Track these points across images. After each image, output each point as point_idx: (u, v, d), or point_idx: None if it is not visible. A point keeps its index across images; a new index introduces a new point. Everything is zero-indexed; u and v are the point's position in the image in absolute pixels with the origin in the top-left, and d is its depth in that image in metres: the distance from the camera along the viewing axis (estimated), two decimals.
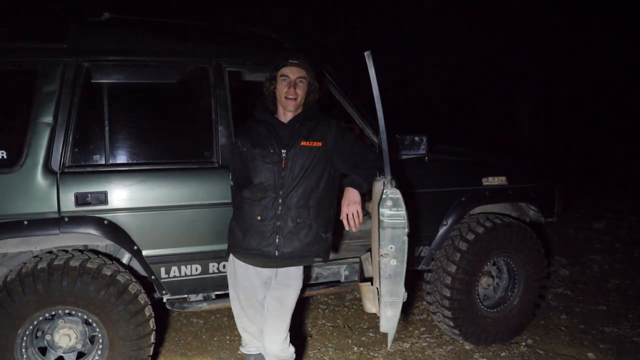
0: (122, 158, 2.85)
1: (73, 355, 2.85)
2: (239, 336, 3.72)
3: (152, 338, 2.88)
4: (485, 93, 13.83)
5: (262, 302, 2.63)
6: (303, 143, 2.45)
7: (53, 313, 2.74)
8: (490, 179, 3.60)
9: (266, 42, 3.44)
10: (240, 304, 2.66)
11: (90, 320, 2.79)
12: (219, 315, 4.09)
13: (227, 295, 2.84)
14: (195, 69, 3.02)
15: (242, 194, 2.52)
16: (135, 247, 2.82)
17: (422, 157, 3.28)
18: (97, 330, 2.79)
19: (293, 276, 2.58)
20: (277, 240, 2.44)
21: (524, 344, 3.69)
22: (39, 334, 2.78)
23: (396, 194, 2.67)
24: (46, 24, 3.02)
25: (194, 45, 3.08)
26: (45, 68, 2.74)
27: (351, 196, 2.42)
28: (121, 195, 2.77)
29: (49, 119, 2.70)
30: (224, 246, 2.78)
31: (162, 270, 2.90)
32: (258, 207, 2.46)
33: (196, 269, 2.95)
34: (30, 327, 2.70)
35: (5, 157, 2.65)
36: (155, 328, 2.89)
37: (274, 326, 2.59)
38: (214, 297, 3.14)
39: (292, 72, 2.44)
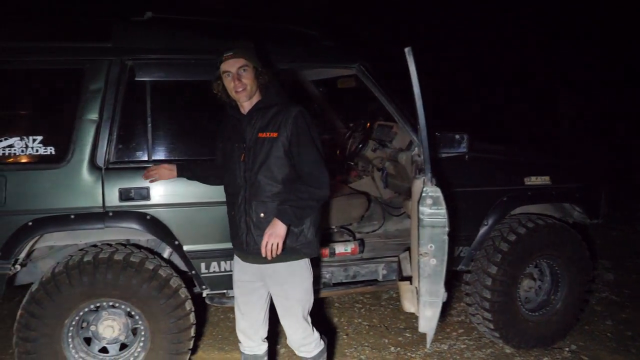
0: (164, 154, 2.90)
1: (116, 346, 2.93)
2: (276, 332, 3.78)
3: (192, 332, 2.92)
4: (525, 88, 13.43)
5: (257, 300, 2.54)
6: (260, 134, 2.32)
7: (98, 305, 2.82)
8: (533, 178, 3.51)
9: (303, 40, 3.44)
10: (236, 301, 2.60)
11: (132, 313, 2.85)
12: None
13: None
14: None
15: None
16: (177, 242, 2.87)
17: (462, 156, 3.22)
18: (139, 322, 2.86)
19: (284, 272, 2.40)
20: (246, 235, 2.37)
21: (567, 349, 3.58)
22: (84, 324, 2.86)
23: (436, 192, 2.64)
24: (92, 24, 3.08)
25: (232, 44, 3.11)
26: (91, 67, 2.82)
27: (276, 229, 2.25)
28: (163, 190, 2.83)
29: (94, 116, 2.78)
30: None
31: (202, 265, 2.94)
32: (230, 202, 2.45)
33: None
34: (77, 318, 2.79)
35: (53, 153, 2.73)
36: (195, 322, 2.94)
37: (286, 323, 2.51)
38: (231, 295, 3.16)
39: (231, 65, 2.30)
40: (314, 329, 2.57)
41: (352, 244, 3.38)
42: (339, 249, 3.34)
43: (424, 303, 2.70)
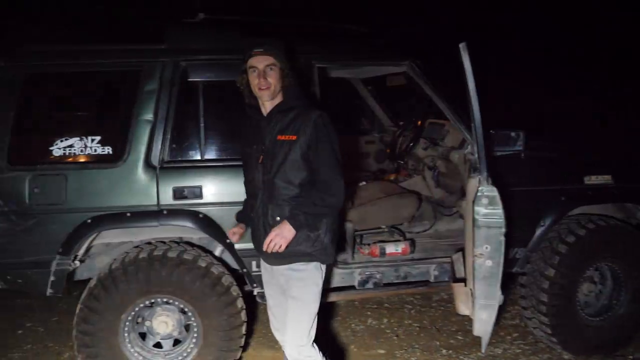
0: (216, 154, 2.94)
1: (170, 342, 2.99)
2: (324, 330, 3.77)
3: (243, 329, 2.94)
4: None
5: (281, 301, 2.47)
6: (279, 137, 2.25)
7: (152, 301, 2.89)
8: (593, 177, 3.35)
9: (355, 38, 3.41)
10: (267, 302, 2.59)
11: (186, 309, 2.90)
12: None
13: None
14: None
15: None
16: (228, 240, 2.88)
17: (518, 154, 3.11)
18: (192, 319, 2.90)
19: (295, 273, 2.33)
20: (264, 237, 2.28)
21: (630, 357, 3.41)
22: (140, 320, 2.93)
23: (492, 191, 2.56)
24: (146, 26, 3.16)
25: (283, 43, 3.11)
26: (146, 68, 2.88)
27: (283, 231, 2.19)
28: (215, 189, 2.87)
29: (149, 116, 2.84)
30: None
31: (253, 263, 2.96)
32: (250, 204, 2.41)
33: None
34: (132, 313, 2.86)
35: (110, 152, 2.81)
36: (246, 320, 2.96)
37: (289, 323, 2.38)
38: None
39: (259, 62, 2.25)
40: (318, 351, 2.44)
41: (403, 244, 3.32)
42: (390, 248, 3.29)
43: (480, 306, 2.62)
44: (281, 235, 2.19)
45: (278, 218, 2.25)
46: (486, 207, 2.54)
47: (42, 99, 2.91)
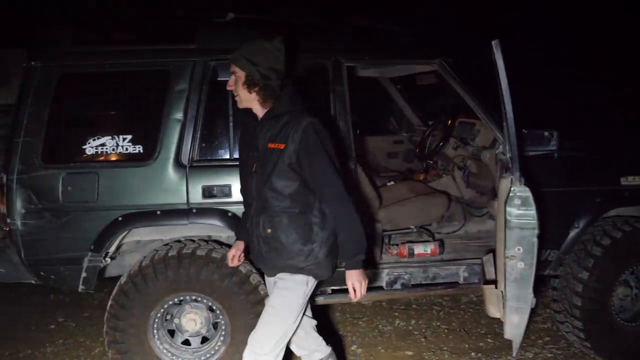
0: None
1: (198, 339, 3.01)
2: (352, 332, 3.75)
3: None
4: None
5: None
6: (269, 144, 2.12)
7: (181, 298, 2.91)
8: (631, 178, 3.24)
9: (384, 36, 3.37)
10: None
11: (214, 307, 2.92)
12: (331, 309, 4.11)
13: (343, 291, 2.83)
14: (314, 65, 3.05)
15: None
16: None
17: (551, 154, 3.03)
18: (220, 317, 2.92)
19: (279, 282, 2.24)
20: (257, 249, 2.24)
21: None
22: (169, 317, 2.96)
23: (525, 192, 2.51)
24: (177, 26, 3.18)
25: (313, 42, 3.11)
26: (176, 68, 2.91)
27: (353, 279, 2.10)
28: None
29: (179, 115, 2.87)
30: None
31: None
32: (246, 213, 2.35)
33: None
34: (162, 310, 2.89)
35: (141, 151, 2.85)
36: None
37: (257, 326, 2.28)
38: (329, 291, 3.15)
39: (231, 67, 2.20)
40: None
41: (432, 245, 3.28)
42: (418, 249, 3.25)
43: (511, 308, 2.57)
44: (351, 282, 2.10)
45: (269, 230, 2.15)
46: (519, 208, 2.49)
47: (74, 99, 2.95)
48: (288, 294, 2.21)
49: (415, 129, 4.85)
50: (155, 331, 2.90)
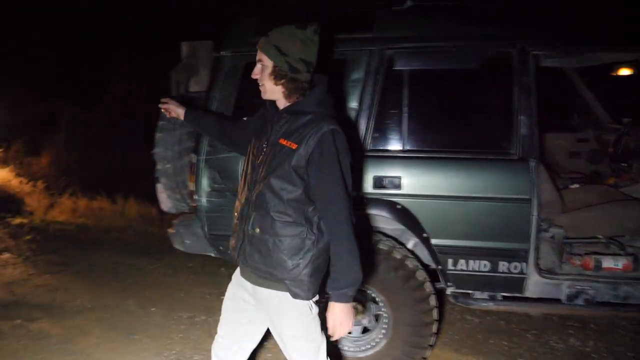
0: (417, 144, 2.85)
1: (359, 329, 3.01)
2: (519, 344, 3.47)
3: (434, 328, 2.83)
4: None
5: (245, 323, 2.14)
6: (281, 140, 1.91)
7: None
8: None
9: (577, 20, 3.02)
10: (222, 316, 2.21)
11: (377, 299, 2.89)
12: (495, 317, 3.85)
13: (515, 298, 2.62)
14: (497, 53, 2.84)
15: None
16: (425, 235, 2.80)
17: None
18: (383, 309, 2.88)
19: (275, 301, 1.97)
20: (241, 244, 2.00)
21: None
22: None
23: None
24: (354, 15, 3.18)
25: (495, 28, 2.90)
26: (352, 57, 2.91)
27: (334, 314, 1.88)
28: (415, 181, 2.78)
29: (354, 104, 2.86)
30: (516, 245, 2.61)
31: (450, 261, 2.82)
32: (238, 201, 2.08)
33: (484, 265, 2.79)
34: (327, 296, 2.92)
35: None
36: (438, 319, 2.84)
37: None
38: (500, 298, 2.93)
39: (257, 55, 1.94)
40: None
41: (625, 260, 2.87)
42: (607, 262, 2.87)
43: None
44: (334, 324, 1.90)
45: (258, 230, 1.93)
46: None
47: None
48: (290, 314, 1.98)
49: (604, 126, 4.31)
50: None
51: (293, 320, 1.98)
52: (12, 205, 7.62)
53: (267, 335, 2.17)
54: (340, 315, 1.88)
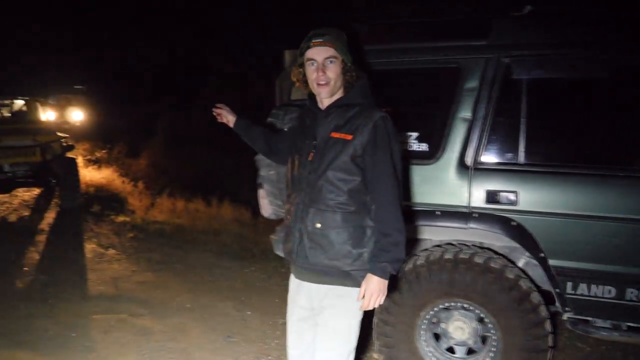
0: (536, 158, 2.68)
1: (463, 349, 2.88)
2: None
3: (548, 355, 2.64)
4: None
5: (308, 329, 2.16)
6: (333, 134, 2.00)
7: (451, 304, 2.81)
8: None
9: None
10: (287, 326, 2.25)
11: (485, 320, 2.74)
12: (610, 346, 3.55)
13: None
14: (630, 63, 2.62)
15: None
16: (542, 255, 2.62)
17: None
18: (491, 331, 2.73)
19: (332, 296, 2.04)
20: (298, 245, 2.04)
21: None
22: (436, 320, 2.89)
23: None
24: (469, 21, 3.06)
25: (629, 37, 2.67)
26: (467, 65, 2.80)
27: (370, 285, 1.93)
28: (533, 197, 2.62)
29: (467, 114, 2.75)
30: None
31: (569, 284, 2.62)
32: (288, 204, 2.13)
33: (609, 292, 2.56)
34: (431, 312, 2.83)
35: (426, 149, 2.82)
36: (553, 345, 2.64)
37: (315, 355, 2.10)
38: (625, 327, 2.69)
39: (318, 54, 1.98)
40: None
41: None
42: None
43: None
44: (370, 290, 1.94)
45: (318, 225, 1.98)
46: None
47: None
48: (343, 310, 2.05)
49: None
50: (422, 332, 2.86)
51: (343, 318, 2.06)
52: (116, 204, 8.11)
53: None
54: (375, 287, 1.93)
